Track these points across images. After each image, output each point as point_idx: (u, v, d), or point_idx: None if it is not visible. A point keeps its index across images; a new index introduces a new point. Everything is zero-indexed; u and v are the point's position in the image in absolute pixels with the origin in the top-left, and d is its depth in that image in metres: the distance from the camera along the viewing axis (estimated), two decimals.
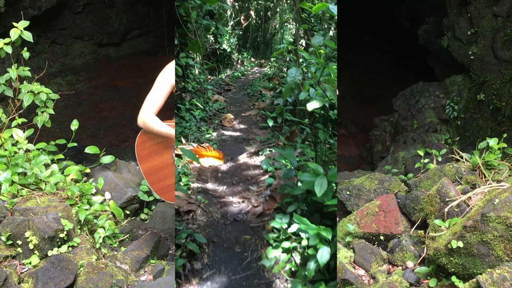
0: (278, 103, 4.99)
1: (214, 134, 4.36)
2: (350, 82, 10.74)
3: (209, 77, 5.64)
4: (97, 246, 3.36)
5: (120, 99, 10.20)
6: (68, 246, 3.13)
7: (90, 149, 3.97)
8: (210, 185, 3.77)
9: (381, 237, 3.44)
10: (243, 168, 4.16)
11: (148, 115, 2.99)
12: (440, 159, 4.36)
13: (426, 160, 4.28)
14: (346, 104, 9.57)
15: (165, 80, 3.06)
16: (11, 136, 3.70)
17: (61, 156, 3.96)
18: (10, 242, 2.98)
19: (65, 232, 3.07)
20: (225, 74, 5.83)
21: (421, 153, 4.35)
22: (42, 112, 3.89)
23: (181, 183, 3.28)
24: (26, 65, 3.92)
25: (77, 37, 11.06)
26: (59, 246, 3.07)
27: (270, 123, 4.18)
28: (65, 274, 2.85)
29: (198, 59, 4.73)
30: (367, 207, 3.63)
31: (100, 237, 3.40)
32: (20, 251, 2.96)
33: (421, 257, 3.16)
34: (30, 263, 2.93)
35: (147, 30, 12.79)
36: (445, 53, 7.12)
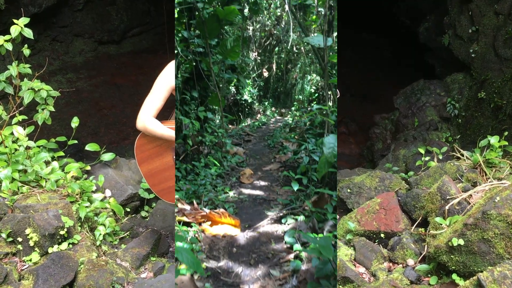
0: (302, 160, 4.36)
1: (231, 193, 3.92)
2: (350, 80, 10.72)
3: (229, 126, 5.34)
4: (98, 243, 3.36)
5: (120, 97, 10.19)
6: (69, 243, 3.13)
7: (90, 147, 3.97)
8: (223, 264, 3.10)
9: (382, 235, 3.44)
10: (263, 240, 3.49)
11: (148, 118, 2.96)
12: (441, 157, 4.35)
13: (427, 158, 4.27)
14: (346, 102, 9.56)
15: (164, 82, 3.04)
16: (12, 133, 3.70)
17: (61, 153, 3.95)
18: (10, 239, 2.98)
19: (65, 229, 3.07)
20: (246, 124, 5.59)
21: (422, 151, 4.35)
22: (43, 109, 3.89)
23: (183, 267, 2.69)
24: (26, 62, 3.92)
25: (78, 35, 11.04)
26: (59, 243, 3.07)
27: (295, 186, 3.68)
28: (65, 271, 2.85)
29: (218, 111, 4.50)
30: (368, 205, 3.63)
31: (100, 234, 3.40)
32: (21, 248, 2.96)
33: (422, 255, 3.16)
34: (30, 260, 2.93)
35: (148, 27, 12.78)
36: (446, 51, 7.11)
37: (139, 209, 4.20)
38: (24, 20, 3.64)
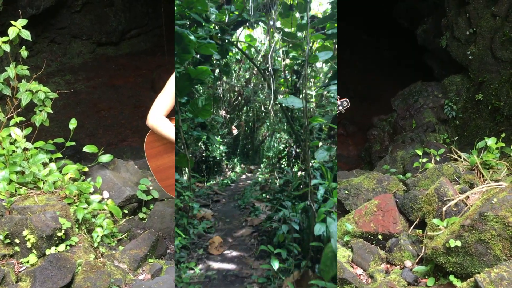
0: (278, 227, 3.69)
1: (198, 269, 3.28)
2: (348, 81, 10.74)
3: (197, 184, 4.90)
4: (95, 245, 3.36)
5: (118, 98, 10.19)
6: (66, 245, 3.12)
7: (88, 148, 3.96)
8: None
9: (379, 236, 3.44)
10: None
11: (158, 117, 3.00)
12: (438, 159, 4.36)
13: (425, 160, 4.28)
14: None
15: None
16: (9, 135, 3.69)
17: (59, 155, 3.95)
18: (8, 240, 2.97)
19: (63, 231, 3.07)
20: (214, 182, 5.21)
21: (419, 152, 4.35)
22: (40, 111, 3.89)
23: None
24: (24, 64, 3.92)
25: (76, 36, 11.05)
26: (57, 245, 3.06)
27: (275, 264, 2.98)
28: (63, 273, 2.85)
29: (185, 172, 4.17)
30: (366, 207, 3.63)
31: (98, 236, 3.40)
32: (18, 249, 2.96)
33: (419, 256, 3.16)
34: (28, 261, 2.92)
35: (146, 29, 12.79)
36: (443, 53, 7.13)
37: (137, 211, 4.20)
38: (22, 22, 3.64)
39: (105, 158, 4.04)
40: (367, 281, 3.13)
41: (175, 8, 3.51)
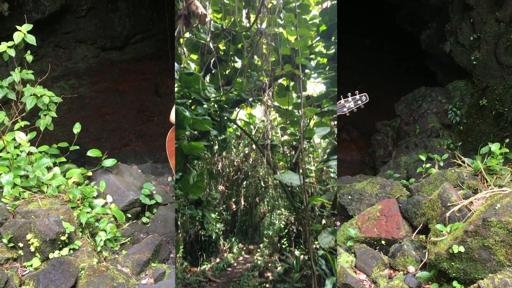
0: None
1: None
2: (351, 86, 10.73)
3: (188, 269, 4.23)
4: (98, 249, 3.36)
5: (122, 103, 10.23)
6: (69, 249, 3.13)
7: (92, 152, 3.97)
8: None
9: (383, 242, 3.44)
10: None
11: None
12: (442, 164, 4.35)
13: (428, 165, 4.27)
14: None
15: None
16: (14, 139, 3.71)
17: (63, 159, 3.96)
18: (11, 244, 2.98)
19: (66, 235, 3.08)
20: (208, 266, 4.58)
21: (423, 158, 4.35)
22: (45, 115, 3.90)
23: None
24: (29, 68, 3.94)
25: (81, 41, 11.10)
26: (60, 249, 3.07)
27: None
28: (66, 276, 2.85)
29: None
30: (369, 212, 3.63)
31: (101, 240, 3.40)
32: (22, 253, 2.97)
33: (423, 262, 3.15)
34: (31, 265, 2.93)
35: (150, 34, 12.84)
36: (447, 58, 7.13)
37: (140, 215, 4.20)
38: (27, 27, 3.66)
39: (108, 162, 4.05)
40: (370, 287, 3.12)
41: (175, 88, 3.47)
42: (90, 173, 4.03)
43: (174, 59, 3.16)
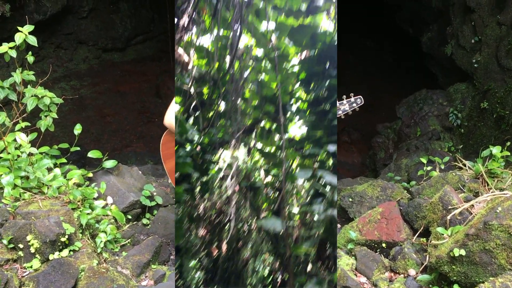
0: None
1: None
2: (352, 88, 10.74)
3: None
4: (99, 250, 3.36)
5: (123, 104, 10.23)
6: (70, 250, 3.13)
7: (93, 154, 3.97)
8: None
9: (383, 245, 3.43)
10: None
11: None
12: (443, 167, 4.34)
13: (429, 168, 4.27)
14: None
15: None
16: (15, 140, 3.71)
17: (64, 160, 3.96)
18: (11, 245, 2.98)
19: (66, 236, 3.07)
20: None
21: (424, 160, 4.34)
22: (46, 116, 3.90)
23: None
24: (30, 69, 3.94)
25: (82, 42, 11.12)
26: (60, 250, 3.06)
27: None
28: (66, 278, 2.85)
29: None
30: (369, 214, 3.62)
31: (101, 241, 3.40)
32: (22, 254, 2.96)
33: (423, 265, 3.14)
34: (31, 266, 2.93)
35: (151, 35, 12.85)
36: (448, 61, 7.13)
37: (141, 217, 4.20)
38: (28, 28, 3.66)
39: (109, 163, 4.05)
40: None
41: None
42: (90, 174, 4.03)
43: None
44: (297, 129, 3.23)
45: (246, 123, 3.23)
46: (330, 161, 2.98)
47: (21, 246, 2.95)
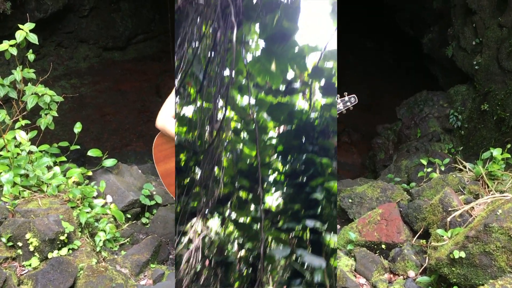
0: None
1: None
2: (352, 88, 10.74)
3: None
4: (98, 249, 3.35)
5: (124, 103, 10.23)
6: (69, 249, 3.12)
7: (92, 152, 3.97)
8: None
9: (383, 246, 3.42)
10: None
11: (168, 118, 2.99)
12: (443, 169, 4.34)
13: (429, 169, 4.26)
14: (349, 111, 9.60)
15: None
16: (14, 138, 3.70)
17: (63, 158, 3.96)
18: (10, 243, 2.97)
19: (65, 235, 3.07)
20: None
21: (424, 162, 4.34)
22: (46, 114, 3.90)
23: None
24: (31, 67, 3.93)
25: (83, 41, 11.11)
26: (59, 249, 3.06)
27: None
28: (64, 276, 2.84)
29: None
30: (369, 215, 3.62)
31: (100, 240, 3.39)
32: (21, 252, 2.96)
33: (423, 267, 3.14)
34: (30, 265, 2.92)
35: (152, 34, 12.85)
36: (449, 62, 7.12)
37: (140, 216, 4.20)
38: (29, 25, 3.66)
39: (109, 162, 4.05)
40: None
41: None
42: (90, 173, 4.02)
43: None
44: (274, 200, 3.25)
45: (222, 193, 3.24)
46: (307, 235, 2.94)
47: (20, 244, 2.95)
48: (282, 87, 3.20)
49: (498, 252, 2.64)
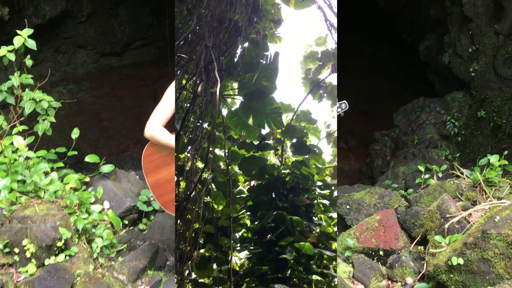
0: None
1: None
2: (349, 95, 10.75)
3: None
4: (95, 255, 3.34)
5: (121, 109, 10.21)
6: (66, 255, 3.10)
7: (90, 158, 3.96)
8: None
9: (381, 252, 3.42)
10: None
11: (156, 127, 2.96)
12: (440, 175, 4.35)
13: (427, 176, 4.27)
14: (345, 117, 9.58)
15: (174, 93, 3.05)
16: (12, 143, 3.69)
17: (61, 164, 3.94)
18: (7, 250, 2.96)
19: (62, 241, 3.05)
20: None
21: (421, 168, 4.35)
22: (43, 120, 3.89)
23: None
24: (28, 73, 3.93)
25: (80, 46, 11.11)
26: (56, 255, 3.04)
27: None
28: (61, 283, 2.83)
29: None
30: (367, 222, 3.61)
31: (97, 246, 3.37)
32: (17, 259, 2.94)
33: (421, 274, 3.13)
34: (26, 271, 2.90)
35: (150, 40, 12.86)
36: (446, 69, 7.15)
37: (137, 222, 4.18)
38: (27, 31, 3.66)
39: (106, 168, 4.04)
40: None
41: None
42: (87, 179, 4.01)
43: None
44: (239, 260, 3.22)
45: (185, 250, 3.24)
46: None
47: (16, 250, 2.93)
48: (256, 142, 3.25)
49: (496, 259, 2.64)
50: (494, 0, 6.01)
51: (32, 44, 3.67)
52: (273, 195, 3.20)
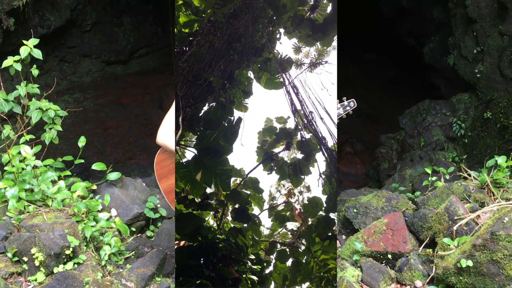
0: None
1: None
2: (355, 99, 10.75)
3: None
4: (103, 263, 3.34)
5: (126, 117, 10.26)
6: (74, 263, 3.11)
7: (97, 166, 3.98)
8: None
9: (389, 256, 3.40)
10: None
11: (168, 133, 2.98)
12: (448, 177, 4.32)
13: (434, 178, 4.25)
14: (351, 121, 9.57)
15: None
16: (19, 153, 3.71)
17: (68, 172, 3.96)
18: (16, 258, 2.97)
19: (71, 249, 3.06)
20: None
21: (428, 171, 4.33)
22: (50, 128, 3.92)
23: None
24: (35, 83, 3.95)
25: (85, 55, 11.19)
26: (64, 263, 3.05)
27: None
28: None
29: None
30: (375, 225, 3.60)
31: (105, 254, 3.38)
32: (26, 267, 2.95)
33: (430, 276, 3.12)
34: (35, 280, 2.91)
35: (154, 48, 12.93)
36: (451, 71, 7.14)
37: (145, 229, 4.19)
38: (33, 41, 3.69)
39: (113, 175, 4.05)
40: None
41: None
42: (94, 187, 4.03)
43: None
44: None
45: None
46: None
47: (25, 259, 2.94)
48: (198, 200, 3.22)
49: (506, 260, 2.62)
50: (498, 1, 6.00)
51: (38, 54, 3.70)
52: (201, 261, 3.05)
